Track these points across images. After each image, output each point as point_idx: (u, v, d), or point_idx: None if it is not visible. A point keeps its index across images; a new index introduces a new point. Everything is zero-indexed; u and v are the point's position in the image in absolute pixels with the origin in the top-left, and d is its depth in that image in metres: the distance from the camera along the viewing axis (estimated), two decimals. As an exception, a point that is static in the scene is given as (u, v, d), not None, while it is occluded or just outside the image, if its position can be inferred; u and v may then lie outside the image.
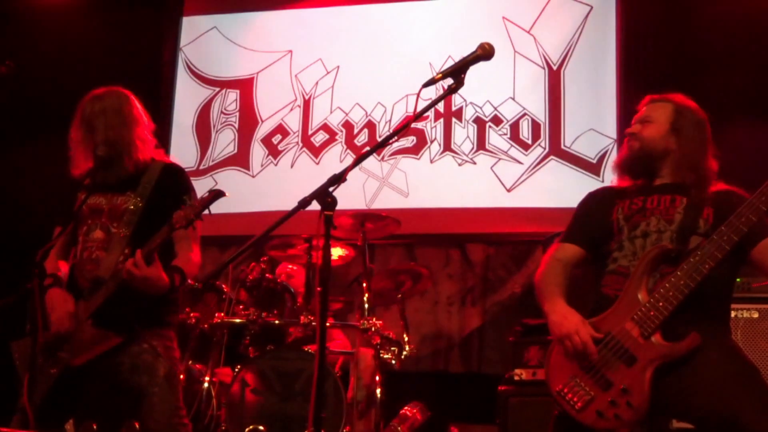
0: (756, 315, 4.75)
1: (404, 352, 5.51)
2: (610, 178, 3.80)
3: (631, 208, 3.43)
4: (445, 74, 2.89)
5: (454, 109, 7.21)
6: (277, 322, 5.27)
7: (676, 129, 3.45)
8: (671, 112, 3.48)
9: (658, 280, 3.22)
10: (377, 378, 5.09)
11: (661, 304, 3.13)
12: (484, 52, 2.91)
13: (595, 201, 3.63)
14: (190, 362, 5.42)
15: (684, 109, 3.50)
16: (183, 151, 7.62)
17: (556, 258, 3.54)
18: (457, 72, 2.89)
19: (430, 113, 7.18)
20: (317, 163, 7.42)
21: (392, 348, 5.42)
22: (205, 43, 7.92)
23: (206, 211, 3.59)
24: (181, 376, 4.46)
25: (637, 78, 6.70)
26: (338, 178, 2.75)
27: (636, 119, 3.55)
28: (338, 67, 7.56)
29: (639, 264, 3.26)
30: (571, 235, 3.58)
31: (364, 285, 5.30)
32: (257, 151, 7.60)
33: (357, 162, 2.88)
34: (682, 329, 3.11)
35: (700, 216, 3.30)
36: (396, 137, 2.93)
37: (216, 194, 3.58)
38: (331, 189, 2.74)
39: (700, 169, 3.41)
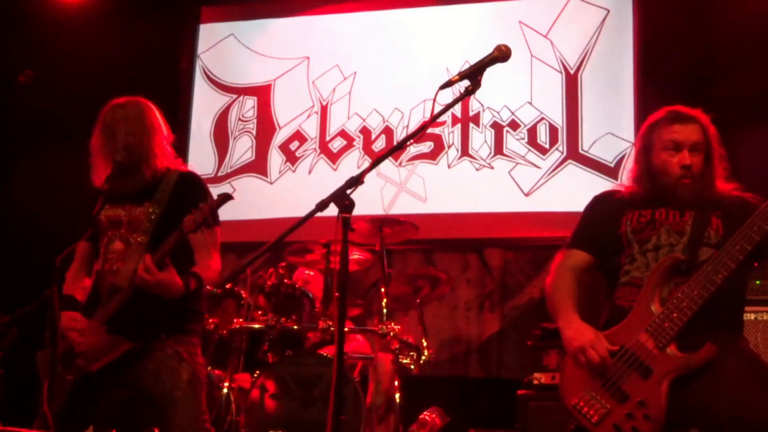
0: (776, 318, 4.72)
1: (423, 357, 5.50)
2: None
3: (640, 221, 3.39)
4: (462, 76, 2.88)
5: (471, 114, 7.21)
6: (295, 327, 5.28)
7: (708, 157, 3.40)
8: (705, 138, 3.39)
9: (672, 290, 3.20)
10: (396, 383, 5.09)
11: (675, 314, 3.11)
12: (501, 54, 2.89)
13: (602, 207, 3.58)
14: (210, 368, 5.43)
15: (711, 131, 3.42)
16: (201, 158, 7.66)
17: (565, 266, 3.52)
18: (474, 74, 2.88)
19: (447, 118, 7.20)
20: (335, 169, 7.43)
21: (411, 353, 5.42)
22: (223, 50, 7.96)
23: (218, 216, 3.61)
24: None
25: (654, 81, 6.68)
26: (356, 181, 2.74)
27: (682, 140, 3.36)
28: (355, 73, 7.57)
29: (652, 275, 3.24)
30: (579, 240, 3.56)
31: (383, 290, 5.30)
32: (275, 158, 7.62)
33: (374, 164, 2.87)
34: (697, 339, 3.08)
35: (709, 226, 3.28)
36: (413, 140, 2.92)
37: (224, 198, 3.62)
38: (348, 191, 2.74)
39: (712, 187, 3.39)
